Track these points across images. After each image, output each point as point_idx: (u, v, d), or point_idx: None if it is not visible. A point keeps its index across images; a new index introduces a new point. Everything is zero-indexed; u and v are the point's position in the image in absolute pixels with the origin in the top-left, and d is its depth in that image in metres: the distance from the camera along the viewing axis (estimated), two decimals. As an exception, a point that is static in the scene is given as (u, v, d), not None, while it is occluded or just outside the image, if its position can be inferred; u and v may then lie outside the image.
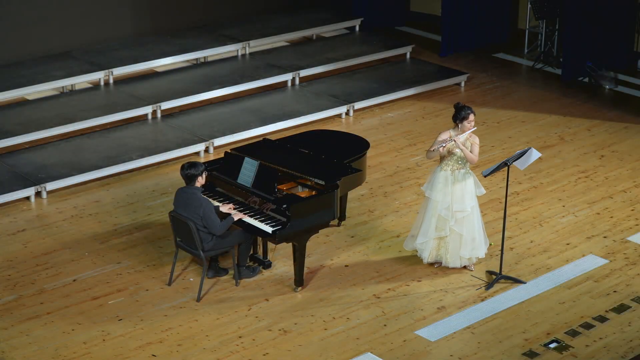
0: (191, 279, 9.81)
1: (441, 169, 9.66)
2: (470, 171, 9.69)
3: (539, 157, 9.74)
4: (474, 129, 9.58)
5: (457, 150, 9.53)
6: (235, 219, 9.37)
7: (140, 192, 11.66)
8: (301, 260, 9.50)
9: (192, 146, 12.51)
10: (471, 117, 9.50)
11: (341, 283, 9.79)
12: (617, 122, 13.80)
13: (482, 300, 9.51)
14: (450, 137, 9.53)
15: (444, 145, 9.47)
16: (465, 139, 9.57)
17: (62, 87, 13.89)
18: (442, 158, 9.66)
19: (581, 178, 12.07)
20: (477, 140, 9.64)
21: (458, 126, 9.56)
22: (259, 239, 10.00)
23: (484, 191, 9.82)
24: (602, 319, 9.21)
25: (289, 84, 14.61)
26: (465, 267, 9.96)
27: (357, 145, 10.54)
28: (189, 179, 9.30)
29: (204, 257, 9.32)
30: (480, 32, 16.57)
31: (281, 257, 10.16)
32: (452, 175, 9.61)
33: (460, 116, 9.51)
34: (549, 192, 11.70)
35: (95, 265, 10.04)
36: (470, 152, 9.55)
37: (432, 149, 9.51)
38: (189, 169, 9.29)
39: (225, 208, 9.53)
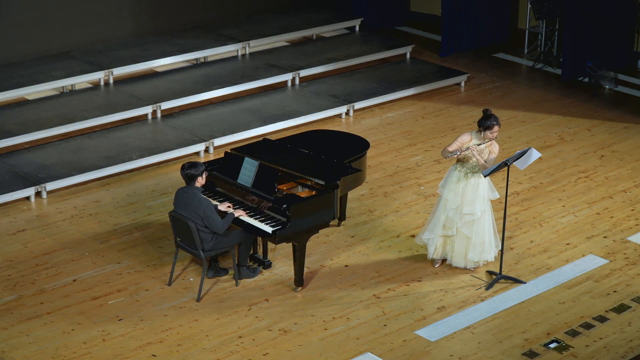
0: (191, 279, 9.81)
1: (455, 168, 9.68)
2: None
3: (539, 157, 9.74)
4: (495, 138, 9.57)
5: (473, 158, 9.54)
6: (236, 215, 9.37)
7: (140, 192, 11.66)
8: (301, 260, 9.50)
9: (192, 146, 12.51)
10: (495, 128, 9.48)
11: (341, 283, 9.79)
12: (617, 122, 13.80)
13: (482, 300, 9.51)
14: (471, 139, 9.52)
15: (458, 153, 9.46)
16: (485, 147, 9.56)
17: (62, 87, 13.89)
18: (457, 159, 9.67)
19: (581, 178, 12.07)
20: (496, 148, 9.60)
21: (481, 132, 9.55)
22: (259, 239, 10.00)
23: (497, 195, 9.82)
24: (602, 319, 9.21)
25: (289, 84, 14.61)
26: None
27: (357, 145, 10.54)
28: (189, 179, 9.30)
29: (204, 257, 9.32)
30: (480, 32, 16.57)
31: (281, 257, 10.16)
32: (464, 177, 9.62)
33: (485, 125, 9.48)
34: (549, 192, 11.70)
35: (95, 265, 10.04)
36: (486, 160, 9.54)
37: (449, 150, 9.49)
38: (189, 169, 9.29)
39: (223, 207, 9.53)
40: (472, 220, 9.65)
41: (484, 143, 9.52)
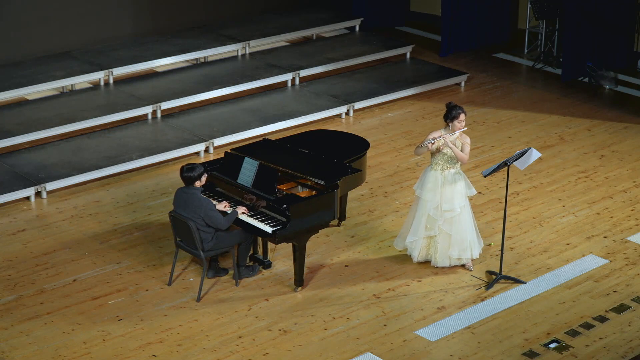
0: (191, 279, 9.81)
1: (431, 168, 9.69)
2: (461, 171, 9.70)
3: (539, 157, 9.74)
4: (464, 129, 9.59)
5: (447, 149, 9.54)
6: (239, 212, 9.38)
7: (140, 192, 11.66)
8: (301, 260, 9.51)
9: (192, 146, 12.51)
10: (461, 116, 9.52)
11: (341, 283, 9.79)
12: (617, 122, 13.80)
13: (482, 300, 9.51)
14: (441, 135, 9.56)
15: (432, 141, 9.49)
16: (456, 139, 9.58)
17: (62, 87, 13.90)
18: (432, 157, 9.68)
19: (581, 178, 12.07)
20: (468, 140, 9.65)
21: (449, 126, 9.59)
22: (259, 239, 10.00)
23: (474, 192, 9.83)
24: (602, 319, 9.21)
25: (289, 84, 14.61)
26: (463, 265, 9.97)
27: (357, 145, 10.54)
28: (187, 181, 9.31)
29: (204, 257, 9.32)
30: (480, 32, 16.57)
31: (281, 257, 10.16)
32: (442, 175, 9.63)
33: (451, 115, 9.53)
34: (549, 192, 11.70)
35: (95, 265, 10.05)
36: (462, 151, 9.57)
37: (420, 145, 9.54)
38: (187, 172, 9.30)
39: (220, 206, 9.54)
40: (452, 217, 9.66)
41: (453, 134, 9.53)
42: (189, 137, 12.70)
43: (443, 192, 9.62)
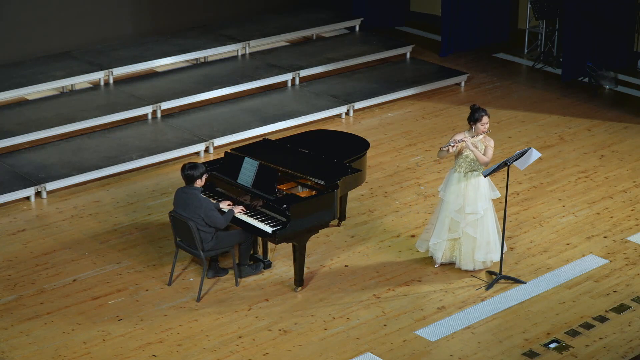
0: (191, 279, 9.81)
1: (455, 170, 9.68)
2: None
3: (539, 157, 9.74)
4: (488, 132, 9.59)
5: (468, 151, 9.53)
6: (236, 211, 9.39)
7: (140, 192, 11.66)
8: (301, 260, 9.51)
9: (192, 146, 12.51)
10: (484, 119, 9.51)
11: (341, 283, 9.79)
12: (617, 122, 13.80)
13: (482, 300, 9.51)
14: (463, 137, 9.55)
15: (452, 144, 9.48)
16: (479, 141, 9.57)
17: (62, 87, 13.90)
18: (455, 160, 9.68)
19: (581, 178, 12.07)
20: (491, 143, 9.63)
21: (472, 128, 9.58)
22: (259, 239, 10.00)
23: (499, 194, 9.82)
24: (602, 319, 9.21)
25: (289, 84, 14.61)
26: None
27: (357, 145, 10.54)
28: (188, 180, 9.32)
29: (204, 257, 9.32)
30: (480, 32, 16.57)
31: (281, 257, 10.16)
32: (464, 177, 9.62)
33: (474, 118, 9.52)
34: (549, 192, 11.70)
35: (95, 265, 10.05)
36: (484, 154, 9.55)
37: (443, 148, 9.53)
38: (189, 170, 9.31)
39: (224, 204, 9.55)
40: (476, 220, 9.65)
41: (475, 137, 9.54)
42: (189, 137, 12.70)
43: (466, 194, 9.62)
